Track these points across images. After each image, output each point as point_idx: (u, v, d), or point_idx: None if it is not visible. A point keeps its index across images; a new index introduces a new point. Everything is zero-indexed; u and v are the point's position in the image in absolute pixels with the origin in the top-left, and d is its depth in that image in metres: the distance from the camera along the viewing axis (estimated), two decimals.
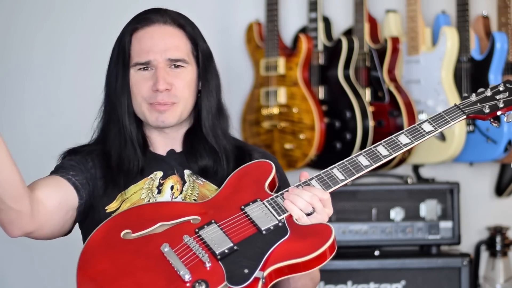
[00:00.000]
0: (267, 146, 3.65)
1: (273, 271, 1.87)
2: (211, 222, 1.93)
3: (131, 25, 2.13)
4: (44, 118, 3.72)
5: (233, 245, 1.89)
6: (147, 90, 2.08)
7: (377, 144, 2.03)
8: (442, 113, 2.06)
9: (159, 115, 2.08)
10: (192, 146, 2.13)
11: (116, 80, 2.11)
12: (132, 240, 1.91)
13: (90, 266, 1.88)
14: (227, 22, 3.83)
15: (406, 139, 2.03)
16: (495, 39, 3.55)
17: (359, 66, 3.64)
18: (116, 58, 2.12)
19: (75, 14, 3.75)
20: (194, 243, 1.89)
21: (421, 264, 3.37)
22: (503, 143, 3.53)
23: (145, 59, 2.08)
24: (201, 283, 1.83)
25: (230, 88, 3.78)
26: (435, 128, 2.05)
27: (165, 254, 1.87)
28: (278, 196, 1.97)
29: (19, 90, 3.71)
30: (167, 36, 2.10)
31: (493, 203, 3.90)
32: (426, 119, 2.06)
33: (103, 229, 1.94)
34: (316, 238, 1.89)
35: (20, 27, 3.71)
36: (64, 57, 3.73)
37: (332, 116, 3.60)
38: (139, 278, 1.85)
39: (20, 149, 3.70)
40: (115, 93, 2.11)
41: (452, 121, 2.05)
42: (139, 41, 2.10)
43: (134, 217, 1.97)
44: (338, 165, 2.01)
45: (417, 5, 3.62)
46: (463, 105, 2.08)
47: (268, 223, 1.92)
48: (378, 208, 3.45)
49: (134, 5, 2.26)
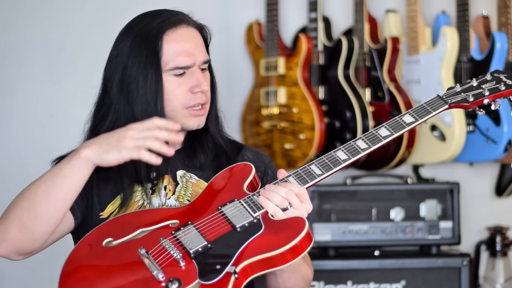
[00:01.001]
0: (267, 146, 3.65)
1: (248, 266, 1.86)
2: (188, 224, 1.94)
3: (161, 26, 2.05)
4: (44, 118, 3.72)
5: (207, 244, 1.89)
6: (185, 93, 2.06)
7: (357, 139, 2.01)
8: (423, 104, 2.03)
9: (197, 119, 2.08)
10: (192, 143, 2.14)
11: (145, 85, 2.03)
12: (112, 248, 1.92)
13: (71, 275, 1.89)
14: (227, 22, 3.83)
15: (386, 131, 2.01)
16: (495, 39, 3.55)
17: (359, 66, 3.64)
18: (144, 59, 2.04)
19: (75, 14, 3.75)
20: (169, 244, 1.90)
21: (421, 264, 3.37)
22: (503, 143, 3.53)
23: (188, 62, 2.05)
24: (174, 282, 1.83)
25: (230, 88, 3.79)
26: (416, 119, 2.02)
27: (141, 257, 1.88)
28: (255, 194, 1.97)
29: (19, 90, 3.71)
30: (197, 39, 2.10)
31: (493, 203, 3.90)
32: (407, 111, 2.03)
33: (87, 240, 1.95)
34: (289, 231, 1.88)
35: (20, 27, 3.71)
36: (64, 57, 3.73)
37: (332, 116, 3.60)
38: (117, 282, 1.86)
39: (20, 149, 3.70)
40: (143, 96, 2.03)
41: (434, 111, 2.02)
42: (174, 44, 2.05)
43: (117, 226, 1.96)
44: (316, 161, 1.99)
45: (417, 5, 3.62)
46: (446, 95, 2.05)
47: (243, 221, 1.92)
48: (378, 208, 3.45)
49: (133, 5, 2.26)
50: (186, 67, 2.05)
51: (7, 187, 3.68)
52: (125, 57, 2.07)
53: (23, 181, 3.75)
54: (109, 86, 2.09)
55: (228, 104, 2.27)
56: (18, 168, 3.70)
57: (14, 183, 3.69)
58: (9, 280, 3.67)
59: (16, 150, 3.71)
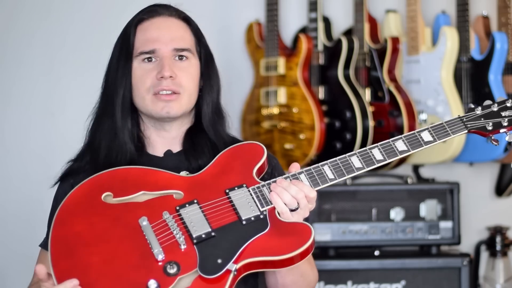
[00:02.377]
0: (267, 146, 3.61)
1: (248, 264, 1.86)
2: (193, 202, 1.93)
3: (136, 17, 2.13)
4: (44, 118, 3.72)
5: (211, 231, 1.89)
6: (151, 79, 2.07)
7: (373, 147, 2.01)
8: (444, 123, 2.03)
9: (165, 105, 2.07)
10: (194, 143, 2.13)
11: (117, 71, 2.10)
12: (112, 205, 1.91)
13: (67, 224, 1.87)
14: (227, 22, 3.83)
15: (403, 145, 2.01)
16: (495, 39, 3.55)
17: (359, 66, 3.64)
18: (119, 50, 2.12)
19: (75, 14, 3.74)
20: (172, 221, 1.89)
21: (421, 264, 3.37)
22: (503, 143, 3.52)
23: (151, 47, 2.08)
24: (173, 265, 1.83)
25: (230, 88, 3.77)
26: (434, 139, 2.02)
27: (142, 228, 1.87)
28: (265, 185, 1.96)
29: (19, 90, 3.71)
30: (173, 27, 2.12)
31: (493, 203, 3.90)
32: (427, 127, 2.03)
33: (86, 186, 1.94)
34: (295, 237, 1.88)
35: (20, 27, 3.71)
36: (64, 57, 3.72)
37: (332, 116, 3.60)
38: (112, 247, 1.85)
39: (20, 149, 3.70)
40: (113, 85, 2.10)
41: (453, 134, 2.03)
42: (144, 31, 2.10)
43: (118, 180, 1.95)
44: (330, 162, 1.99)
45: (417, 5, 3.61)
46: (467, 119, 2.05)
47: (249, 213, 1.92)
48: (378, 208, 3.45)
49: (133, 5, 2.26)
50: (150, 52, 2.07)
51: (7, 187, 3.69)
52: (111, 54, 2.15)
53: (23, 181, 3.77)
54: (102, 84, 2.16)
55: (228, 104, 2.26)
56: (18, 168, 3.70)
57: (14, 183, 3.71)
58: (9, 280, 3.67)
59: (16, 150, 3.71)
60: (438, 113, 3.56)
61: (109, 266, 1.83)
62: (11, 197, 3.67)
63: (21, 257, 3.50)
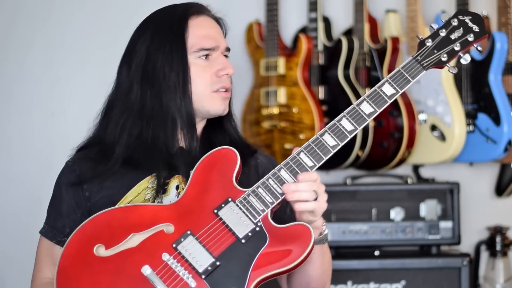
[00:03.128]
0: (267, 146, 3.65)
1: (260, 281, 1.85)
2: (187, 234, 1.88)
3: (186, 12, 2.08)
4: (44, 118, 3.72)
5: (215, 260, 1.85)
6: (211, 77, 2.07)
7: (340, 117, 1.95)
8: (400, 69, 1.97)
9: (223, 102, 2.08)
10: (214, 141, 2.10)
11: (171, 68, 2.03)
12: (108, 258, 1.86)
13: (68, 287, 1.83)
14: (227, 22, 3.82)
15: (369, 107, 1.95)
16: (495, 39, 3.55)
17: (359, 66, 3.64)
18: (169, 43, 2.04)
19: (75, 14, 3.75)
20: (174, 262, 1.85)
21: (421, 264, 3.37)
22: (503, 143, 3.53)
23: (213, 44, 2.08)
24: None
25: None
26: (397, 90, 1.95)
27: (148, 278, 1.82)
28: (250, 194, 1.92)
29: (19, 90, 3.71)
30: (218, 26, 2.16)
31: (493, 203, 3.90)
32: (385, 79, 1.96)
33: (74, 243, 1.88)
34: (297, 242, 1.87)
35: (20, 27, 3.71)
36: (64, 57, 3.73)
37: (332, 116, 3.59)
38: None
39: (20, 149, 3.70)
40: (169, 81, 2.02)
41: (413, 79, 1.96)
42: (199, 28, 2.08)
43: (103, 227, 1.89)
44: (304, 148, 1.94)
45: (417, 5, 3.61)
46: (421, 56, 1.99)
47: (245, 229, 1.88)
48: (378, 208, 3.45)
49: (133, 5, 2.26)
50: (211, 49, 2.07)
51: (7, 187, 3.69)
52: (147, 46, 2.05)
53: (23, 181, 3.77)
54: (131, 76, 2.06)
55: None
56: (18, 168, 3.70)
57: (14, 183, 3.71)
58: (9, 280, 3.67)
59: (16, 150, 3.71)
60: (438, 113, 3.56)
61: None
62: (11, 197, 3.68)
63: (21, 257, 3.50)
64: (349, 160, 3.55)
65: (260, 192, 1.92)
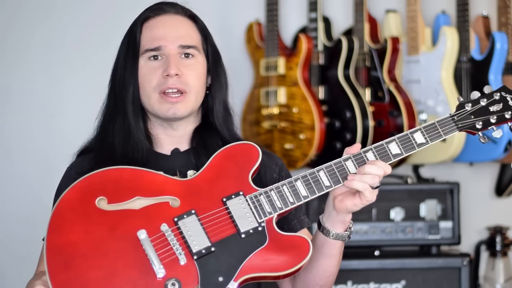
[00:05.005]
0: (267, 146, 3.65)
1: (247, 279, 1.86)
2: (191, 213, 1.90)
3: (142, 15, 2.12)
4: (44, 118, 3.72)
5: (211, 245, 1.87)
6: (158, 78, 2.06)
7: (367, 149, 1.99)
8: (436, 123, 2.02)
9: (171, 106, 2.06)
10: (204, 142, 2.11)
11: (125, 69, 2.09)
12: (107, 212, 1.87)
13: (62, 232, 1.84)
14: (227, 22, 3.83)
15: (397, 149, 1.99)
16: (495, 39, 3.55)
17: (359, 66, 3.64)
18: (126, 47, 2.11)
19: (75, 14, 3.75)
20: (172, 235, 1.86)
21: (421, 264, 3.37)
22: (503, 143, 3.53)
23: (156, 44, 2.07)
24: (174, 283, 1.82)
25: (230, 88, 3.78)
26: (427, 141, 2.00)
27: (142, 242, 1.84)
28: (262, 194, 1.93)
29: (19, 90, 3.71)
30: (179, 24, 2.11)
31: (493, 203, 3.90)
32: (419, 128, 2.01)
33: (77, 189, 1.90)
34: (294, 252, 1.88)
35: (20, 27, 3.71)
36: (64, 57, 3.73)
37: (332, 116, 3.60)
38: (111, 262, 1.82)
39: (20, 149, 3.70)
40: (122, 83, 2.08)
41: (445, 135, 2.01)
42: (150, 29, 2.09)
43: (111, 182, 1.91)
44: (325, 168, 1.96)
45: (417, 5, 3.62)
46: (458, 117, 2.03)
47: (248, 225, 1.90)
48: (378, 208, 3.45)
49: (134, 5, 2.26)
50: (155, 49, 2.06)
51: (7, 187, 3.69)
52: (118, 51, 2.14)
53: (23, 181, 3.77)
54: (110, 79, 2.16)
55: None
56: (18, 168, 3.70)
57: (14, 183, 3.71)
58: (9, 280, 3.67)
59: (16, 150, 3.71)
60: (438, 113, 3.56)
61: (108, 283, 1.81)
62: (11, 197, 3.67)
63: (21, 257, 3.50)
64: None
65: (272, 195, 1.93)
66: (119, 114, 2.09)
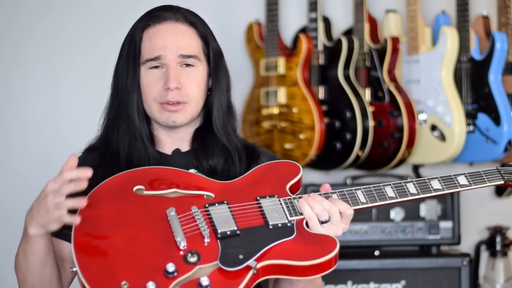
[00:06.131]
0: (267, 146, 3.65)
1: (268, 266, 1.85)
2: (223, 202, 1.94)
3: (142, 22, 2.12)
4: (44, 118, 3.71)
5: (236, 229, 1.89)
6: (158, 89, 2.08)
7: (408, 181, 2.03)
8: (481, 172, 2.07)
9: (170, 115, 2.09)
10: (204, 144, 2.14)
11: (126, 77, 2.10)
12: (142, 197, 1.93)
13: (95, 206, 1.89)
14: (227, 22, 3.83)
15: (438, 185, 2.03)
16: (495, 39, 3.55)
17: (359, 66, 3.64)
18: (126, 54, 2.12)
19: (75, 14, 3.74)
20: (200, 215, 1.89)
21: (421, 264, 3.37)
22: (503, 143, 3.53)
23: (156, 54, 2.07)
24: (194, 255, 1.83)
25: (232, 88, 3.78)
26: (470, 183, 2.05)
27: (169, 218, 1.88)
28: (296, 198, 1.96)
29: (19, 90, 3.71)
30: (179, 34, 2.11)
31: (493, 203, 3.90)
32: (463, 173, 2.06)
33: (120, 178, 1.97)
34: (319, 247, 1.88)
35: (20, 27, 3.71)
36: (64, 57, 3.72)
37: (332, 116, 3.60)
38: (136, 231, 1.86)
39: (20, 149, 3.70)
40: (125, 91, 2.11)
41: (489, 182, 2.07)
42: (150, 39, 2.10)
43: (152, 176, 1.98)
44: (363, 188, 2.00)
45: (417, 5, 3.62)
46: (505, 171, 2.10)
47: (277, 220, 1.92)
48: (378, 208, 3.45)
49: (134, 5, 2.26)
50: (155, 58, 2.08)
51: (7, 187, 3.69)
52: (118, 55, 2.16)
53: (23, 181, 3.77)
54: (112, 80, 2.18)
55: None
56: (18, 168, 3.69)
57: (15, 183, 3.70)
58: (9, 280, 3.67)
59: (16, 150, 3.71)
60: (438, 113, 3.56)
61: (130, 247, 1.84)
62: (12, 197, 3.67)
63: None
64: (349, 160, 3.56)
65: None
66: (123, 118, 2.12)
